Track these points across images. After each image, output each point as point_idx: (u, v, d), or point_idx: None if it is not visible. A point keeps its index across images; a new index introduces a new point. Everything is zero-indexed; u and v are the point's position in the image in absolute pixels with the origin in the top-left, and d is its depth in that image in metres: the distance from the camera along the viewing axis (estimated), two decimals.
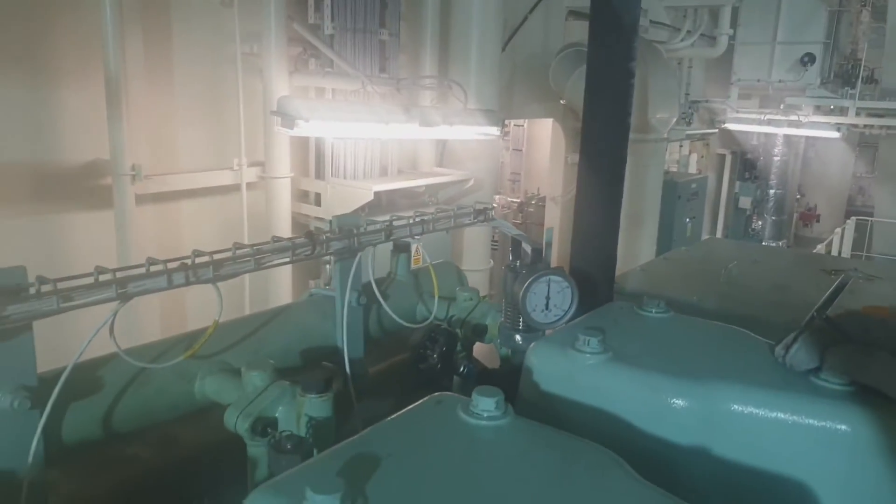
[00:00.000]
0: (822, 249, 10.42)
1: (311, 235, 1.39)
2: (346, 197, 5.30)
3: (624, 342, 1.27)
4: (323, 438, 1.17)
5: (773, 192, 13.73)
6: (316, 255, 1.42)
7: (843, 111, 10.71)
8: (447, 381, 1.54)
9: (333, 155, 5.39)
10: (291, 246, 1.36)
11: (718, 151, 13.03)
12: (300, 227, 5.58)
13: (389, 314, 1.67)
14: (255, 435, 1.20)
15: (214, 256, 1.24)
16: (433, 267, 1.78)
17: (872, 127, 10.80)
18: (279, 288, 5.10)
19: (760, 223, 13.99)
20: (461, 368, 1.53)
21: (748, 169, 13.73)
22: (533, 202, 10.36)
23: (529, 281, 1.31)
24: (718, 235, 13.30)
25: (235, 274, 1.27)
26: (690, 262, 3.88)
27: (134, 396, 1.27)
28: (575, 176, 6.98)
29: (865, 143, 14.06)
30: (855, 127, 11.11)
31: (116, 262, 4.41)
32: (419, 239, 1.65)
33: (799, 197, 15.54)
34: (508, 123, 8.66)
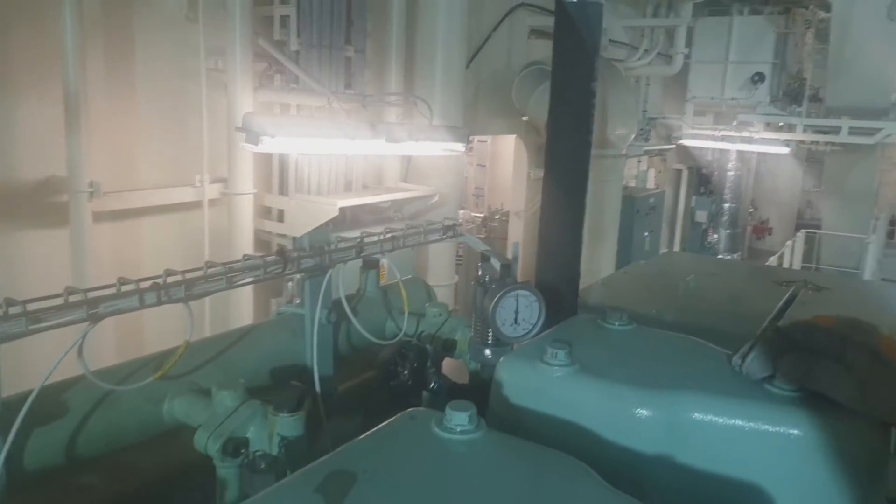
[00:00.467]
0: (774, 261, 10.73)
1: (282, 253, 1.40)
2: (310, 213, 5.27)
3: (590, 354, 1.31)
4: (295, 458, 1.18)
5: (727, 206, 14.14)
6: (287, 272, 1.42)
7: (791, 128, 11.11)
8: (417, 397, 1.55)
9: (297, 170, 5.38)
10: (263, 264, 1.36)
11: (675, 167, 13.36)
12: (262, 244, 5.54)
13: (359, 331, 1.68)
14: (226, 456, 1.19)
15: (186, 275, 1.24)
16: (402, 283, 1.80)
17: (818, 143, 11.21)
18: (240, 307, 5.04)
19: (716, 236, 14.37)
20: (431, 384, 1.55)
21: (703, 184, 14.11)
22: (497, 217, 10.46)
23: (499, 296, 1.34)
24: (676, 249, 13.60)
25: (207, 293, 1.27)
26: (650, 275, 3.97)
27: (101, 420, 1.25)
28: (538, 191, 7.07)
29: (812, 158, 14.58)
30: (802, 143, 11.53)
31: (72, 281, 4.30)
32: (387, 255, 1.67)
33: (752, 211, 16.01)
34: (473, 139, 8.73)
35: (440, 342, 1.73)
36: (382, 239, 1.61)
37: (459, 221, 1.84)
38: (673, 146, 11.60)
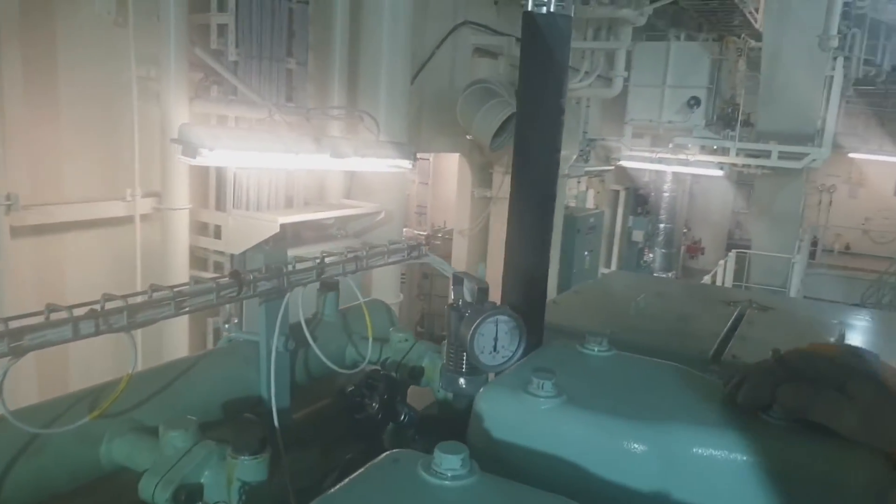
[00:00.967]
0: (708, 280, 11.06)
1: (237, 275, 1.26)
2: (249, 229, 5.07)
3: (574, 384, 1.22)
4: None
5: (662, 226, 14.56)
6: (242, 296, 1.29)
7: (724, 151, 11.53)
8: (382, 430, 1.43)
9: (236, 185, 5.16)
10: (216, 287, 1.22)
11: (613, 187, 13.66)
12: (199, 261, 5.29)
13: (318, 358, 1.54)
14: None
15: (129, 301, 1.09)
16: (364, 306, 1.68)
17: (750, 167, 11.67)
18: (175, 328, 4.77)
19: (651, 255, 14.76)
20: (402, 416, 1.43)
21: (640, 204, 14.49)
22: (440, 235, 10.40)
23: (478, 322, 1.24)
24: (613, 268, 13.87)
25: (153, 320, 1.12)
26: (599, 294, 3.96)
27: (26, 467, 1.08)
28: (482, 209, 7.09)
29: (742, 181, 15.19)
30: (735, 166, 11.99)
31: None
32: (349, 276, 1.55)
33: (686, 231, 16.53)
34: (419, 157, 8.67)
35: (406, 370, 1.62)
36: (345, 259, 1.49)
37: (424, 242, 1.73)
38: (612, 167, 11.86)
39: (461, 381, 1.37)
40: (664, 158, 11.89)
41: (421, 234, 10.61)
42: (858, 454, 1.05)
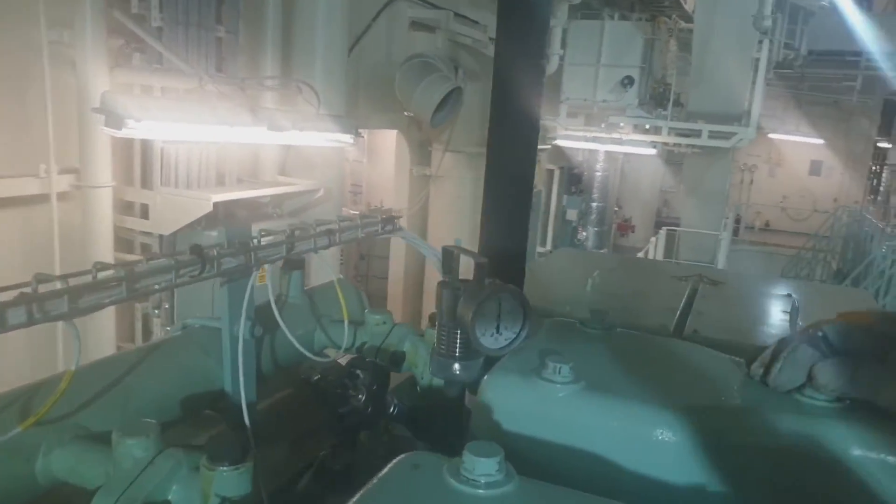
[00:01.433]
0: (640, 257, 11.28)
1: (198, 250, 1.07)
2: (179, 208, 4.73)
3: (588, 367, 1.10)
4: None
5: (595, 204, 14.77)
6: (205, 275, 1.09)
7: (657, 130, 11.73)
8: (369, 425, 1.26)
9: (163, 160, 4.80)
10: (175, 265, 1.03)
11: (547, 167, 13.69)
12: (124, 243, 4.92)
13: (286, 345, 1.37)
14: None
15: (70, 282, 0.88)
16: (334, 286, 1.51)
17: (681, 146, 11.92)
18: (99, 318, 4.40)
19: (584, 234, 14.95)
20: (391, 408, 1.27)
21: (574, 183, 14.61)
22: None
23: (480, 301, 1.10)
24: (549, 247, 13.96)
25: (99, 306, 0.92)
26: (552, 272, 3.90)
27: None
28: (420, 188, 6.89)
29: (671, 160, 15.55)
30: (666, 145, 12.22)
31: None
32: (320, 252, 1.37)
33: (617, 209, 16.83)
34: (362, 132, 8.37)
35: (387, 356, 1.46)
36: (316, 233, 1.31)
37: (399, 214, 1.57)
38: (548, 146, 11.85)
39: (455, 366, 1.22)
40: (599, 137, 11.98)
41: (356, 213, 10.34)
42: None
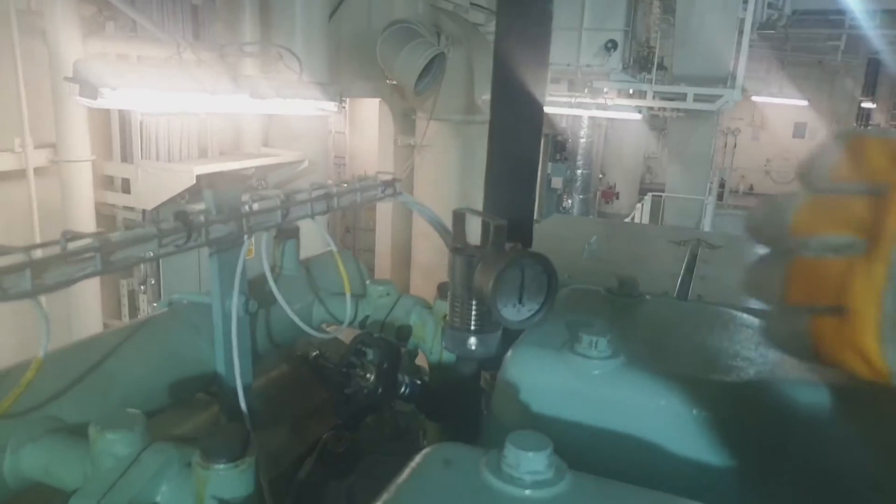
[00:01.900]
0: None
1: (184, 217, 0.94)
2: (161, 182, 4.59)
3: (623, 339, 0.99)
4: None
5: (580, 172, 14.65)
6: (191, 244, 0.97)
7: (641, 94, 11.57)
8: (379, 408, 1.15)
9: (143, 133, 4.63)
10: (157, 234, 0.90)
11: None
12: (105, 219, 4.76)
13: (281, 321, 1.25)
14: None
15: (33, 254, 0.76)
16: (331, 256, 1.39)
17: (666, 110, 11.79)
18: (85, 295, 4.27)
19: (570, 201, 14.85)
20: (403, 389, 1.16)
21: (558, 150, 14.46)
22: None
23: (502, 267, 0.98)
24: (535, 215, 13.88)
25: (70, 280, 0.80)
26: (547, 238, 3.80)
27: None
28: (406, 157, 6.71)
29: (654, 125, 15.43)
30: (651, 109, 12.07)
31: None
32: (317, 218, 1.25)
33: (601, 176, 16.73)
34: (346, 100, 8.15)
35: (392, 329, 1.34)
36: (313, 198, 1.19)
37: (399, 177, 1.45)
38: None
39: (471, 340, 1.11)
40: (583, 103, 11.81)
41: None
42: None
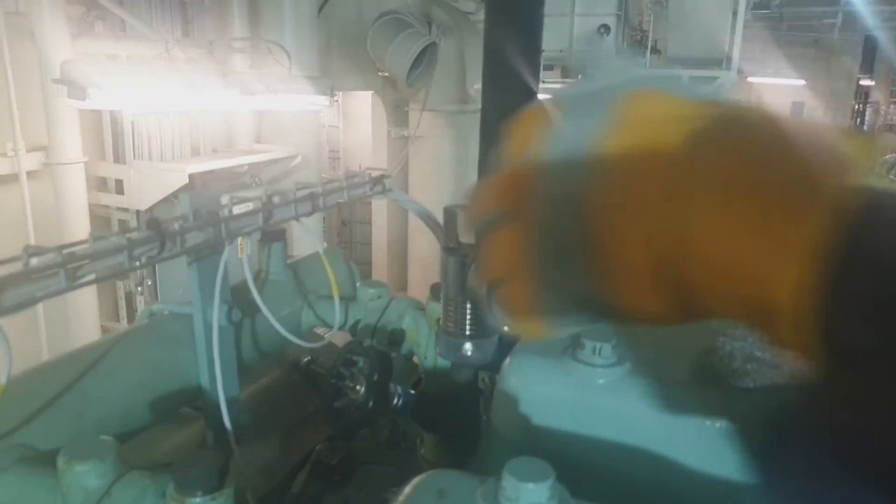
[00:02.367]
0: None
1: (156, 225, 0.89)
2: (154, 182, 4.53)
3: (627, 344, 0.93)
4: None
5: None
6: (166, 255, 0.92)
7: None
8: (371, 421, 1.09)
9: (135, 133, 4.57)
10: (127, 244, 0.85)
11: None
12: (100, 220, 4.72)
13: (268, 329, 1.20)
14: None
15: None
16: (320, 258, 1.33)
17: None
18: (80, 301, 4.22)
19: None
20: (396, 400, 1.11)
21: None
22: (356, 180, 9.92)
23: None
24: None
25: (32, 300, 0.74)
26: None
27: None
28: (400, 150, 6.64)
29: None
30: None
31: None
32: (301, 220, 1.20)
33: None
34: (338, 93, 8.09)
35: (385, 334, 1.29)
36: (297, 198, 1.13)
37: (388, 174, 1.39)
38: None
39: (466, 346, 1.06)
40: None
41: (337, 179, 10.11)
42: None
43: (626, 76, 0.47)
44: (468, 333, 1.07)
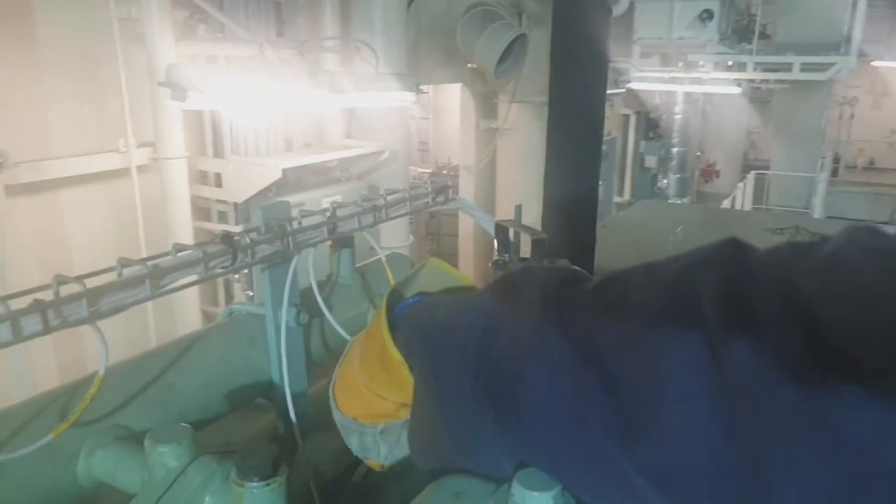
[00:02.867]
0: (727, 204, 10.71)
1: (229, 240, 1.00)
2: (250, 176, 4.80)
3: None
4: None
5: (675, 150, 14.01)
6: (238, 266, 1.03)
7: (741, 67, 10.93)
8: None
9: (233, 130, 4.86)
10: (203, 257, 0.97)
11: (622, 112, 13.12)
12: (201, 211, 5.04)
13: (336, 329, 1.31)
14: None
15: (88, 283, 0.83)
16: (388, 262, 1.43)
17: (769, 82, 11.11)
18: (183, 292, 4.57)
19: (665, 181, 14.28)
20: None
21: (652, 128, 13.94)
22: (444, 172, 10.06)
23: None
24: (626, 196, 13.48)
25: (122, 307, 0.87)
26: (631, 228, 3.72)
27: None
28: (488, 143, 6.67)
29: (757, 98, 14.54)
30: (752, 82, 11.38)
31: None
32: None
33: (699, 154, 16.00)
34: (423, 88, 8.23)
35: None
36: (360, 211, 1.23)
37: (451, 183, 1.46)
38: (622, 90, 11.30)
39: None
40: (677, 78, 11.31)
41: (425, 171, 10.27)
42: None
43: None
44: None
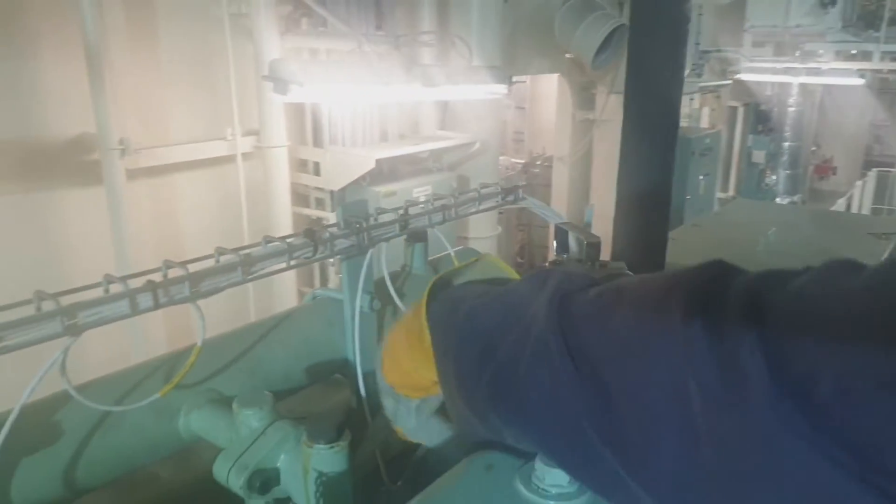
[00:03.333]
0: (842, 204, 10.08)
1: (311, 234, 1.14)
2: (346, 165, 5.03)
3: None
4: (336, 497, 0.94)
5: (787, 144, 13.22)
6: (319, 257, 1.17)
7: (866, 56, 10.16)
8: None
9: (331, 121, 5.10)
10: (288, 248, 1.10)
11: (730, 104, 12.55)
12: (300, 197, 5.33)
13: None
14: (252, 492, 0.96)
15: (191, 268, 0.98)
16: (457, 256, 1.53)
17: None
18: (283, 282, 4.91)
19: (774, 177, 13.54)
20: None
21: (762, 121, 13.20)
22: (538, 163, 10.03)
23: None
24: (731, 192, 12.92)
25: (218, 289, 1.02)
26: (721, 227, 3.62)
27: (102, 443, 1.03)
28: (583, 134, 6.65)
29: (885, 88, 13.46)
30: (879, 72, 10.58)
31: (112, 241, 4.20)
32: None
33: (814, 149, 15.06)
34: (516, 81, 8.27)
35: None
36: (431, 210, 1.34)
37: (522, 182, 1.54)
38: (729, 82, 10.81)
39: None
40: (792, 69, 10.68)
41: (518, 162, 10.27)
42: None
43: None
44: None
